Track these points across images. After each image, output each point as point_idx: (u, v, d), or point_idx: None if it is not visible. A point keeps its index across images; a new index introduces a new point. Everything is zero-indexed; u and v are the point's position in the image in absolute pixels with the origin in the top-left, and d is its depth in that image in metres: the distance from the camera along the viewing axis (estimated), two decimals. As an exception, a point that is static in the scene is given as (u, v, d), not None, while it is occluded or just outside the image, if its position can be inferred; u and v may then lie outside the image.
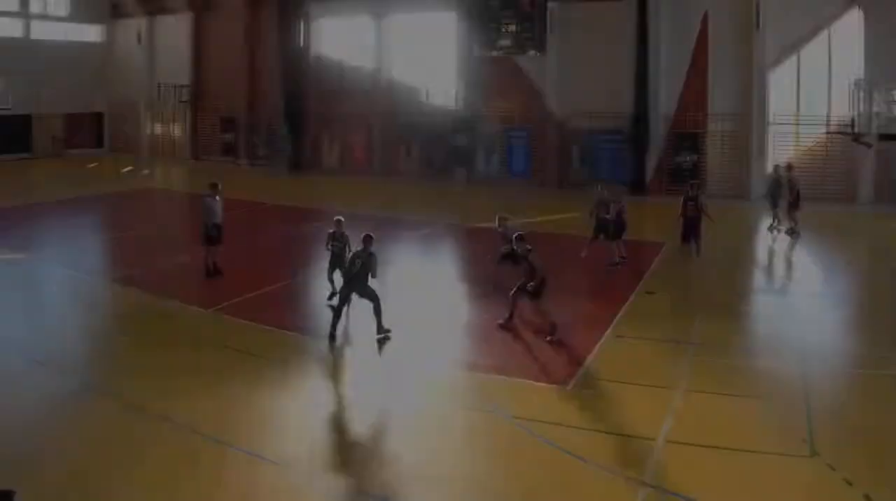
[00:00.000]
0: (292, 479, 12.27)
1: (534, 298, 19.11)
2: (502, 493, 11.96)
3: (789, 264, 29.29)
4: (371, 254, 18.51)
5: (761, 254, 30.92)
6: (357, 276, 18.46)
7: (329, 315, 19.44)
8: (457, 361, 17.71)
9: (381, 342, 18.58)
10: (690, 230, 28.00)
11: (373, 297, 18.67)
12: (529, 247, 19.35)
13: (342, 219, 20.77)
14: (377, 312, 18.66)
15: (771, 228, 32.84)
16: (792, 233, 32.19)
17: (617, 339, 19.08)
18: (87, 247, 31.25)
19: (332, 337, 18.63)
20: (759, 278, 27.47)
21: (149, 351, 18.01)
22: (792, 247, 31.08)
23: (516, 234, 20.03)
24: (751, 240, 33.72)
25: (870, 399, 15.47)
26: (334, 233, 21.11)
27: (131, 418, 14.29)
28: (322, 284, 22.54)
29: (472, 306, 22.56)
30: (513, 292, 19.91)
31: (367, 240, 18.67)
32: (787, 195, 32.29)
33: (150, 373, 16.45)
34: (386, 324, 18.71)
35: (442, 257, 30.76)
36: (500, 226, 23.18)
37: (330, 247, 21.34)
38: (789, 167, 34.27)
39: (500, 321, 20.15)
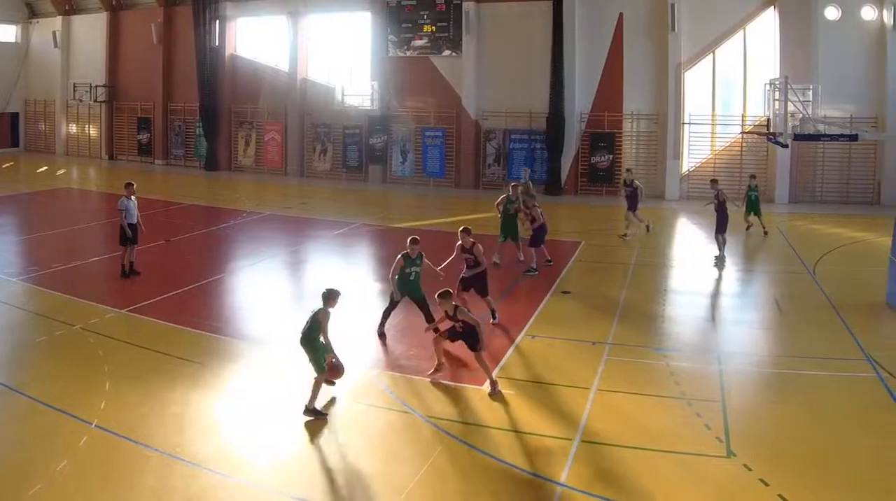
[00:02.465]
0: (207, 480, 11.44)
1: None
2: (417, 493, 11.19)
3: (705, 264, 26.58)
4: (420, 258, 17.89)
5: (677, 254, 28.75)
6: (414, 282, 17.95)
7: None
8: (373, 362, 16.68)
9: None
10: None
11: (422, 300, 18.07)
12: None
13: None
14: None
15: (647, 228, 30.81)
16: (625, 237, 30.01)
17: (533, 339, 17.98)
18: (1, 247, 28.38)
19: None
20: (674, 278, 25.30)
21: (63, 352, 16.90)
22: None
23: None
24: (667, 239, 31.52)
25: (785, 399, 14.67)
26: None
27: (45, 418, 13.44)
28: (240, 283, 22.88)
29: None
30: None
31: (415, 242, 17.92)
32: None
33: (64, 373, 15.54)
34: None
35: (358, 257, 28.64)
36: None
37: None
38: (629, 171, 32.30)
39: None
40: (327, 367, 14.07)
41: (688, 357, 16.95)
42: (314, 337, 14.09)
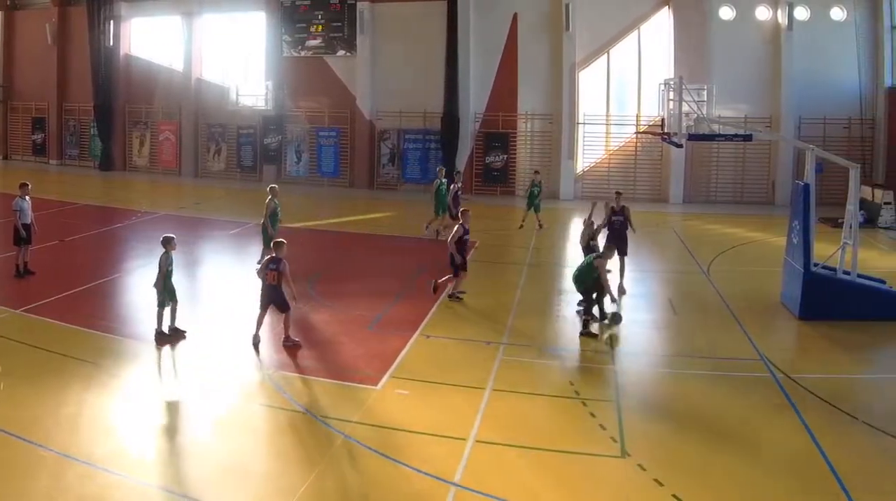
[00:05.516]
0: (102, 479, 10.43)
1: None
2: (311, 493, 10.19)
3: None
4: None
5: (571, 254, 25.77)
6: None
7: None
8: (266, 361, 15.36)
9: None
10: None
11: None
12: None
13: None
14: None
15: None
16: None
17: (427, 339, 16.67)
18: None
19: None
20: (569, 278, 21.78)
21: (-47, 353, 15.16)
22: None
23: None
24: (561, 240, 28.85)
25: (680, 399, 13.80)
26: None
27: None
28: (135, 282, 21.13)
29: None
30: None
31: (167, 242, 16.32)
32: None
33: (-46, 374, 13.87)
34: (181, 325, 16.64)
35: (251, 257, 25.52)
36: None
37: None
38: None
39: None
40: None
41: (582, 357, 16.06)
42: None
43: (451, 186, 26.70)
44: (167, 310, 16.11)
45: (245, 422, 12.70)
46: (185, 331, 16.13)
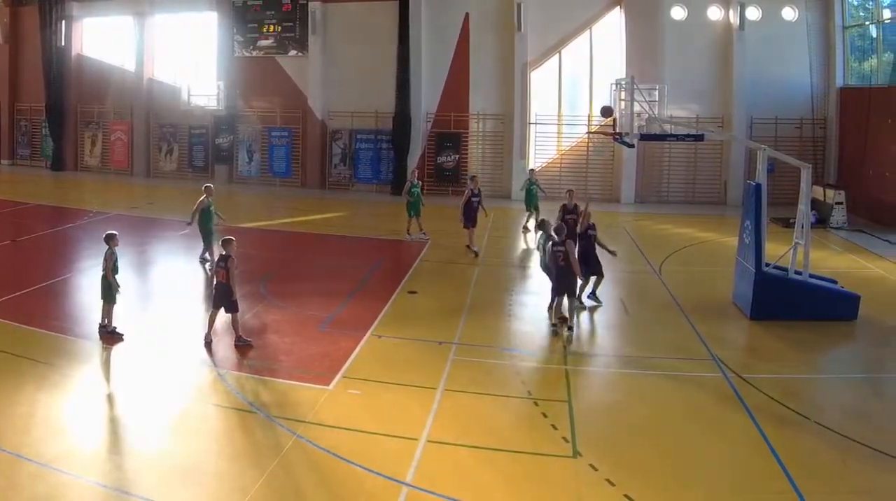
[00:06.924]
0: (54, 479, 10.22)
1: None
2: (262, 493, 10.00)
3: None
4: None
5: (525, 254, 25.59)
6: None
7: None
8: (219, 362, 14.81)
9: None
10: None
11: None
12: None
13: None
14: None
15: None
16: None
17: (379, 339, 16.25)
18: None
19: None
20: (521, 278, 22.83)
21: None
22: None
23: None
24: (514, 239, 27.89)
25: (632, 399, 13.42)
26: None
27: None
28: (88, 282, 19.79)
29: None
30: None
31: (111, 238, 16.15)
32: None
33: None
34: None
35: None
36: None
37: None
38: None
39: None
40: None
41: (534, 357, 15.68)
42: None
43: (465, 191, 25.10)
44: (107, 310, 15.79)
45: (197, 422, 12.40)
46: (122, 334, 15.75)
